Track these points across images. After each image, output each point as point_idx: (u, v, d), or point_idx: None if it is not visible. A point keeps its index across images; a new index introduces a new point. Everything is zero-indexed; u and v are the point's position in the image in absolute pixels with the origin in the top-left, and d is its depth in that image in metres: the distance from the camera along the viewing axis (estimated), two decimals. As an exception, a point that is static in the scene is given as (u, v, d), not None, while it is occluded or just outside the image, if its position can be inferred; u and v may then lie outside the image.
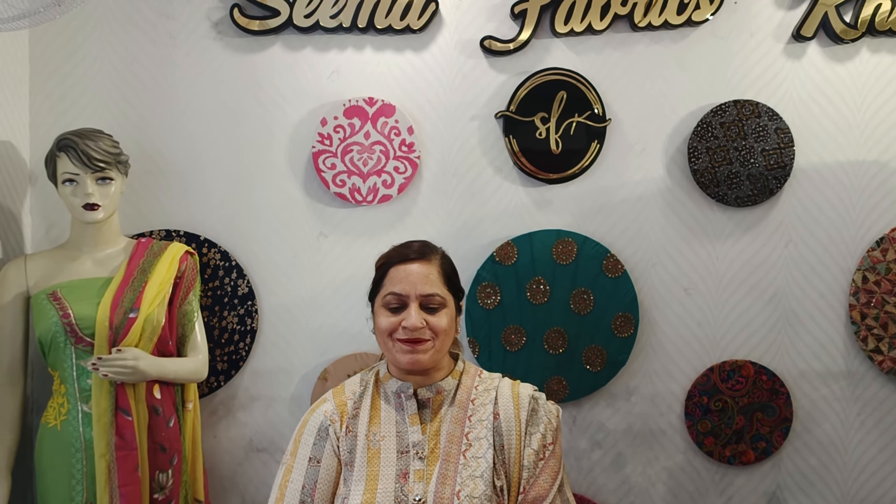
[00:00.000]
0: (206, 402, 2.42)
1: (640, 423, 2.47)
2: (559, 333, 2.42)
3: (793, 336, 2.45)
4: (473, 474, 1.45)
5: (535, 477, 1.49)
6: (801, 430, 2.45)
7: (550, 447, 1.53)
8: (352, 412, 1.55)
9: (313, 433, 1.54)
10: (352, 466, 1.50)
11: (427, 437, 1.51)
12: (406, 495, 1.45)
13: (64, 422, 2.05)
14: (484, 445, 1.48)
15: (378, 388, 1.60)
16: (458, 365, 1.61)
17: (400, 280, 1.50)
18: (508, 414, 1.52)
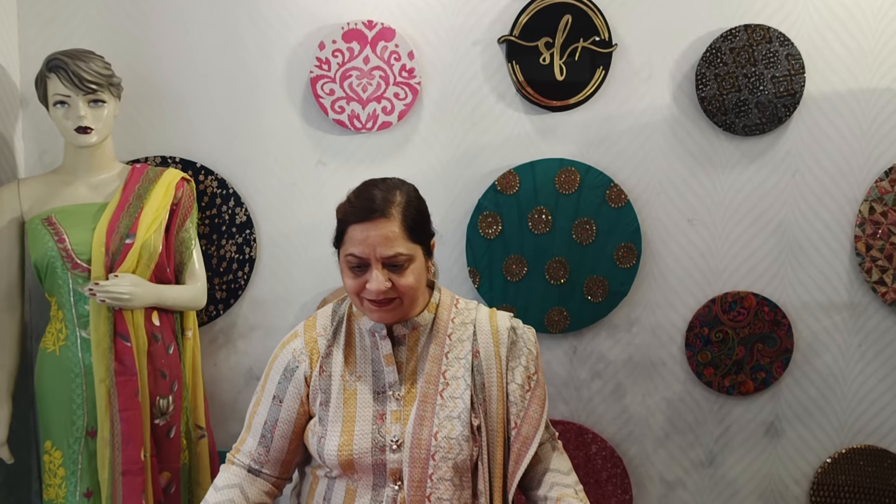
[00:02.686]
0: (205, 330, 2.41)
1: (640, 354, 2.47)
2: (561, 264, 2.40)
3: (796, 267, 2.43)
4: (451, 415, 1.43)
5: (525, 410, 1.48)
6: (801, 361, 2.45)
7: (535, 377, 1.51)
8: (324, 351, 1.50)
9: (279, 371, 1.51)
10: (327, 407, 1.47)
11: (403, 376, 1.48)
12: (383, 437, 1.43)
13: (63, 347, 2.05)
14: (462, 385, 1.45)
15: (352, 324, 1.54)
16: (434, 296, 1.55)
17: (359, 242, 1.38)
18: (488, 351, 1.49)
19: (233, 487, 1.48)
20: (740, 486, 2.50)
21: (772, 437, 2.48)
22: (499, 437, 1.47)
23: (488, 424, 1.46)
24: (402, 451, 1.41)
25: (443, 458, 1.40)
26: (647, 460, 2.50)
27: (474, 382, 1.47)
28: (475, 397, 1.46)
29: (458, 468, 1.41)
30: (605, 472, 2.45)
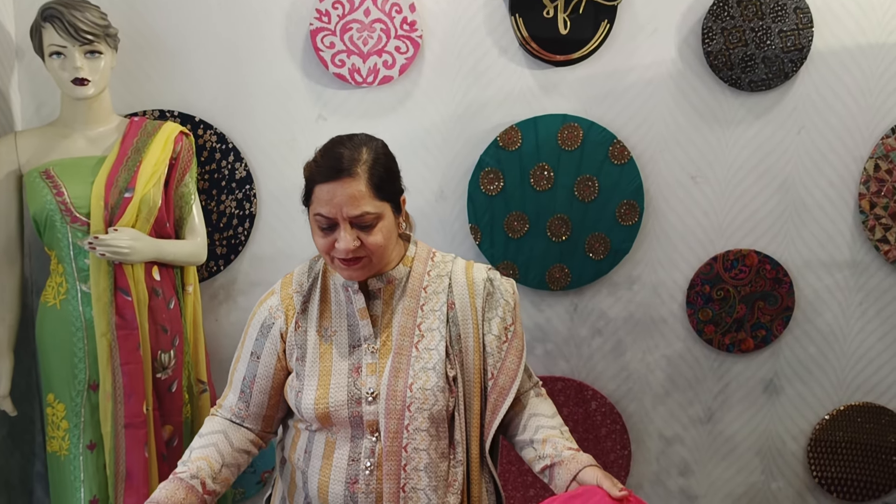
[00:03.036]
0: (206, 286, 2.41)
1: (641, 312, 2.47)
2: (562, 221, 2.39)
3: (799, 225, 2.41)
4: (426, 367, 1.43)
5: (502, 361, 1.48)
6: (801, 319, 2.45)
7: (511, 328, 1.51)
8: (300, 307, 1.50)
9: (257, 328, 1.52)
10: (303, 362, 1.47)
11: (378, 329, 1.48)
12: (359, 389, 1.43)
13: (63, 301, 2.05)
14: (436, 337, 1.45)
15: (326, 279, 1.53)
16: (410, 250, 1.54)
17: (326, 202, 1.36)
18: (464, 303, 1.49)
19: (217, 433, 1.50)
20: (738, 442, 2.52)
21: (770, 394, 2.49)
22: (475, 387, 1.47)
23: (464, 375, 1.47)
24: (378, 403, 1.42)
25: (418, 408, 1.41)
26: (646, 417, 2.51)
27: (450, 334, 1.47)
28: (451, 348, 1.46)
29: (433, 419, 1.42)
30: (604, 429, 2.47)
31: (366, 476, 1.42)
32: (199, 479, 1.39)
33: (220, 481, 1.43)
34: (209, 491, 1.40)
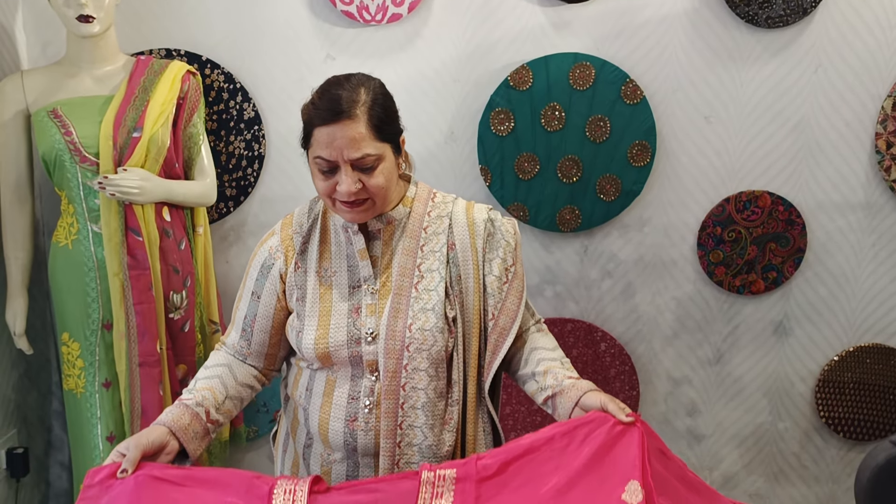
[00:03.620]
0: (216, 227, 2.42)
1: (651, 254, 2.46)
2: (573, 162, 2.37)
3: (813, 166, 2.38)
4: (425, 307, 1.43)
5: (503, 301, 1.48)
6: (813, 261, 2.44)
7: (512, 269, 1.50)
8: (300, 248, 1.49)
9: (257, 269, 1.53)
10: (304, 302, 1.47)
11: (378, 270, 1.47)
12: (358, 329, 1.43)
13: (75, 241, 2.06)
14: (436, 278, 1.45)
15: (327, 221, 1.52)
16: (410, 190, 1.52)
17: (325, 145, 1.34)
18: (464, 243, 1.47)
19: (222, 366, 1.51)
20: (746, 383, 2.53)
21: (780, 335, 2.50)
22: (475, 328, 1.47)
23: (464, 316, 1.47)
24: (378, 344, 1.42)
25: (417, 349, 1.41)
26: (655, 358, 2.53)
27: (450, 274, 1.46)
28: (451, 289, 1.45)
29: (432, 359, 1.43)
30: (613, 370, 2.49)
31: (365, 414, 1.44)
32: (203, 407, 1.40)
33: (223, 412, 1.45)
34: (212, 420, 1.41)
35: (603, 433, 1.25)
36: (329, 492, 1.27)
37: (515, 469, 1.26)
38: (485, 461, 1.27)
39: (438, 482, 1.25)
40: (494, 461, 1.27)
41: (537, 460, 1.27)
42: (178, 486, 1.23)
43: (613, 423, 1.25)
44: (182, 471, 1.27)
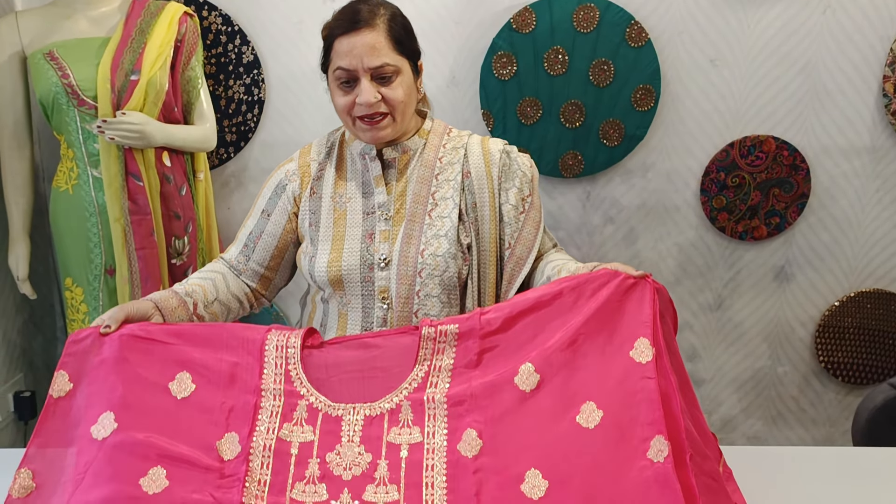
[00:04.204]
0: (216, 173, 2.40)
1: (654, 200, 2.45)
2: (576, 106, 2.34)
3: (819, 110, 2.35)
4: (438, 233, 1.44)
5: (519, 231, 1.49)
6: (816, 206, 2.43)
7: (529, 199, 1.51)
8: (316, 174, 1.52)
9: (272, 188, 1.55)
10: (317, 227, 1.49)
11: (392, 197, 1.49)
12: (372, 255, 1.45)
13: (75, 186, 2.05)
14: (450, 205, 1.46)
15: (343, 150, 1.55)
16: (426, 124, 1.54)
17: (345, 53, 1.37)
18: (479, 171, 1.49)
19: (217, 272, 1.53)
20: (747, 328, 2.54)
21: (781, 281, 2.50)
22: (491, 256, 1.49)
23: (480, 244, 1.48)
24: (390, 269, 1.44)
25: (429, 274, 1.43)
26: (656, 304, 2.53)
27: (465, 202, 1.47)
28: (466, 216, 1.47)
29: (444, 285, 1.44)
30: (614, 315, 2.49)
31: None
32: (192, 299, 1.41)
33: (210, 312, 1.45)
34: (198, 314, 1.42)
35: (612, 288, 1.19)
36: (323, 346, 1.25)
37: (520, 324, 1.21)
38: (489, 316, 1.22)
39: (440, 338, 1.22)
40: (499, 316, 1.22)
41: (543, 316, 1.21)
42: (165, 344, 1.21)
43: (624, 277, 1.20)
44: (168, 328, 1.24)
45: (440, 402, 1.18)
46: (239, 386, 1.20)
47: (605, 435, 1.10)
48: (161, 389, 1.18)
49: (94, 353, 1.19)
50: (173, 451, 1.12)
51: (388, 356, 1.23)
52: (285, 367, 1.22)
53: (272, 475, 1.14)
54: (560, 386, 1.15)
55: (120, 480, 1.09)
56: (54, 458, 1.13)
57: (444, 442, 1.15)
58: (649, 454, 1.07)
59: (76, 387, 1.17)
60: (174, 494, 1.09)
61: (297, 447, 1.16)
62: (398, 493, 1.12)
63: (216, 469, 1.13)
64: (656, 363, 1.12)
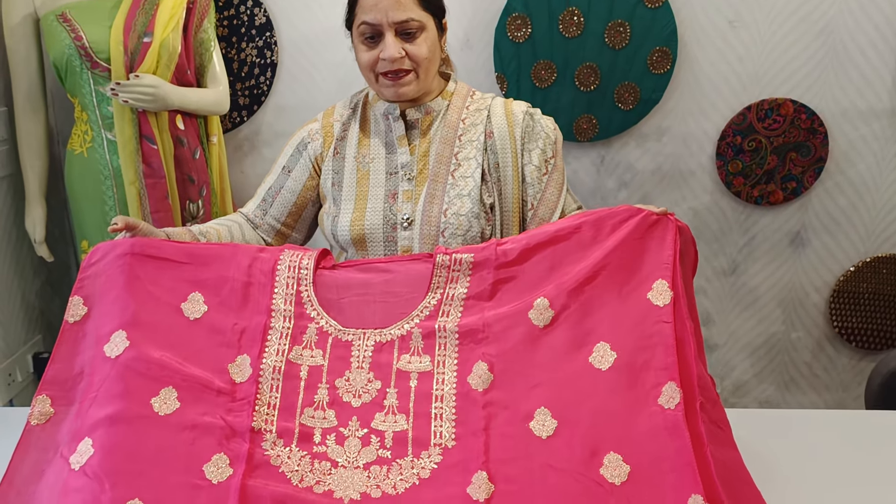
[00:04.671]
0: (230, 137, 2.40)
1: (669, 164, 2.43)
2: (591, 69, 2.31)
3: (839, 72, 2.31)
4: (461, 193, 1.44)
5: (542, 192, 1.49)
6: (834, 171, 2.40)
7: (552, 160, 1.51)
8: (339, 134, 1.53)
9: (293, 146, 1.57)
10: (340, 187, 1.50)
11: (416, 158, 1.49)
12: (395, 214, 1.46)
13: (90, 149, 2.06)
14: (472, 165, 1.46)
15: (367, 111, 1.55)
16: (450, 86, 1.54)
17: (370, 8, 1.38)
18: (502, 132, 1.48)
19: (234, 222, 1.54)
20: (761, 293, 2.53)
21: (797, 246, 2.48)
22: (514, 217, 1.49)
23: (503, 205, 1.48)
24: (413, 229, 1.45)
25: (452, 234, 1.43)
26: (670, 269, 2.52)
27: (488, 162, 1.47)
28: (489, 176, 1.47)
29: (467, 244, 1.44)
30: (627, 280, 2.49)
31: None
32: (206, 237, 1.42)
33: None
34: None
35: (633, 224, 1.16)
36: (336, 269, 1.24)
37: (537, 257, 1.19)
38: (505, 247, 1.20)
39: (454, 266, 1.20)
40: (515, 247, 1.20)
41: (561, 249, 1.18)
42: (177, 263, 1.20)
43: (647, 214, 1.17)
44: (181, 246, 1.23)
45: (451, 331, 1.17)
46: (251, 307, 1.20)
47: (616, 378, 1.10)
48: (173, 310, 1.18)
49: (106, 273, 1.18)
50: (185, 373, 1.13)
51: (401, 282, 1.21)
52: (297, 287, 1.21)
53: (281, 398, 1.14)
54: (574, 324, 1.14)
55: (131, 399, 1.10)
56: (70, 382, 1.14)
57: (455, 373, 1.14)
58: (660, 400, 1.07)
59: (90, 311, 1.18)
60: (185, 416, 1.10)
61: (307, 371, 1.17)
62: (406, 422, 1.12)
63: (227, 392, 1.13)
64: (674, 307, 1.11)
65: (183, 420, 1.10)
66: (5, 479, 1.08)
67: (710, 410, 1.09)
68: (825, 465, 1.31)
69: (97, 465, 1.04)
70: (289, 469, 1.09)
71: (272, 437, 1.11)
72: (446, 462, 1.08)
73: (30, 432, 1.11)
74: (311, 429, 1.13)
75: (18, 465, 1.09)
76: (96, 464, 1.05)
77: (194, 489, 1.05)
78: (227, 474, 1.07)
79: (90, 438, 1.07)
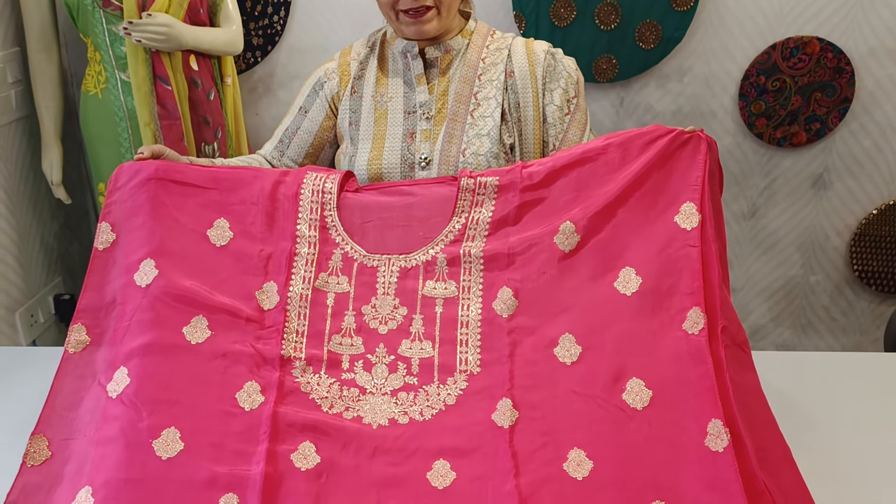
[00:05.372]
0: (244, 78, 2.37)
1: (690, 105, 2.39)
2: (612, 7, 2.25)
3: (867, 9, 2.24)
4: (480, 133, 1.42)
5: (564, 132, 1.46)
6: (859, 111, 2.35)
7: (574, 101, 1.48)
8: (357, 73, 1.50)
9: (310, 86, 1.54)
10: (357, 126, 1.48)
11: (434, 97, 1.46)
12: (412, 154, 1.44)
13: (104, 90, 2.04)
14: (492, 105, 1.43)
15: (385, 49, 1.52)
16: (470, 24, 1.50)
17: None
18: (523, 71, 1.45)
19: (252, 158, 1.55)
20: (780, 237, 2.51)
21: (818, 189, 2.45)
22: (535, 157, 1.47)
23: (523, 145, 1.46)
24: (431, 169, 1.43)
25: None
26: (689, 212, 2.50)
27: (508, 101, 1.44)
28: (509, 116, 1.44)
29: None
30: (645, 224, 2.47)
31: None
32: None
33: None
34: None
35: (662, 144, 1.13)
36: (360, 191, 1.24)
37: (563, 180, 1.17)
38: (531, 169, 1.18)
39: (479, 189, 1.19)
40: (541, 170, 1.18)
41: (587, 171, 1.16)
42: (202, 188, 1.21)
43: (678, 133, 1.14)
44: (206, 170, 1.23)
45: (476, 257, 1.17)
46: (276, 233, 1.20)
47: (641, 302, 1.09)
48: (199, 237, 1.19)
49: (131, 199, 1.19)
50: (214, 301, 1.14)
51: (425, 206, 1.21)
52: (321, 212, 1.21)
53: (309, 326, 1.15)
54: (600, 248, 1.13)
55: (163, 328, 1.11)
56: (104, 311, 1.16)
57: (480, 299, 1.15)
58: (685, 325, 1.07)
59: (118, 237, 1.18)
60: (216, 344, 1.12)
61: (333, 298, 1.17)
62: (433, 349, 1.13)
63: (256, 319, 1.15)
64: (701, 230, 1.09)
65: (214, 348, 1.12)
66: (47, 405, 1.10)
67: (734, 333, 1.09)
68: (845, 408, 1.31)
69: (133, 395, 1.07)
70: (318, 396, 1.11)
71: (301, 364, 1.13)
72: (472, 388, 1.10)
73: (67, 360, 1.14)
74: (340, 356, 1.14)
75: (59, 391, 1.12)
76: (132, 393, 1.07)
77: (228, 417, 1.08)
78: (259, 402, 1.09)
79: (126, 367, 1.09)
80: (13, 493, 1.04)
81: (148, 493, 1.01)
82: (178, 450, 1.04)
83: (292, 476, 1.03)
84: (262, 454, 1.04)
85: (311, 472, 1.04)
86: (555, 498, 1.00)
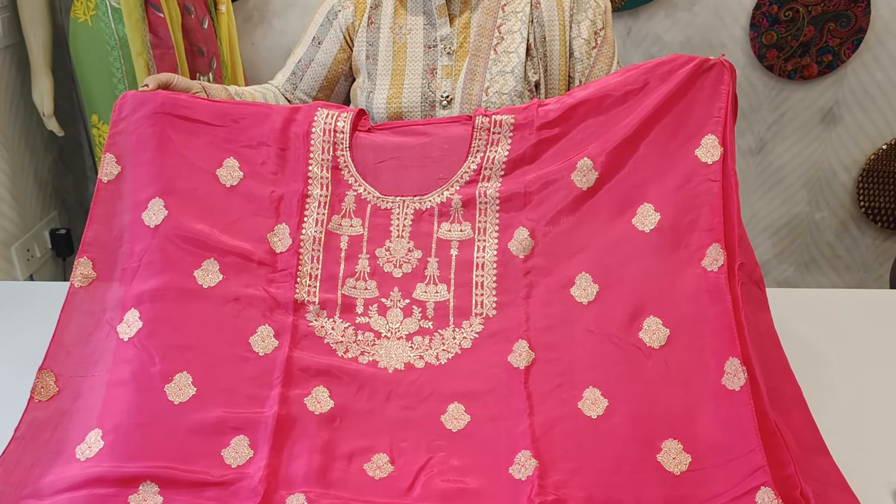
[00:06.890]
0: (238, 6, 2.29)
1: (699, 36, 2.31)
2: (622, -69, 2.17)
3: (888, -66, 2.16)
4: (504, 70, 1.35)
5: (590, 67, 1.40)
6: (873, 43, 2.28)
7: (602, 33, 1.40)
8: (373, 2, 1.41)
9: (323, 14, 1.46)
10: (375, 60, 1.41)
11: (456, 30, 1.38)
12: (433, 91, 1.38)
13: (94, 17, 1.96)
14: (517, 39, 1.36)
15: None
16: None
17: None
18: (550, 2, 1.37)
19: (266, 88, 1.49)
20: (787, 173, 2.47)
21: (828, 123, 2.40)
22: (560, 91, 1.40)
23: (548, 82, 1.40)
24: (452, 108, 1.38)
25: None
26: (695, 147, 2.46)
27: (534, 35, 1.37)
28: (535, 51, 1.37)
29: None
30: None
31: None
32: (240, 97, 1.38)
33: None
34: None
35: (683, 74, 1.09)
36: (372, 131, 1.21)
37: (581, 115, 1.13)
38: (547, 107, 1.14)
39: (494, 128, 1.16)
40: (558, 107, 1.14)
41: (606, 105, 1.12)
42: (210, 126, 1.16)
43: (701, 61, 1.09)
44: (214, 104, 1.18)
45: (492, 197, 1.14)
46: (288, 173, 1.16)
47: (659, 240, 1.07)
48: (209, 177, 1.15)
49: (137, 132, 1.14)
50: (225, 243, 1.12)
51: (439, 145, 1.17)
52: (333, 152, 1.17)
53: (322, 270, 1.13)
54: (618, 185, 1.10)
55: (174, 271, 1.09)
56: (111, 246, 1.13)
57: (496, 240, 1.12)
58: (704, 262, 1.05)
59: (124, 170, 1.15)
60: (228, 288, 1.10)
61: (347, 241, 1.15)
62: (448, 292, 1.12)
63: (268, 263, 1.13)
64: (723, 164, 1.06)
65: (226, 292, 1.10)
66: (54, 340, 1.08)
67: (750, 270, 1.07)
68: (848, 345, 1.31)
69: (146, 339, 1.05)
70: (333, 340, 1.09)
71: (315, 308, 1.11)
72: (487, 331, 1.08)
73: (74, 294, 1.11)
74: (354, 300, 1.12)
75: (66, 327, 1.09)
76: (145, 337, 1.05)
77: (241, 361, 1.06)
78: (273, 346, 1.08)
79: (137, 310, 1.07)
80: (20, 428, 1.02)
81: (158, 437, 1.00)
82: (190, 395, 1.03)
83: (305, 419, 1.03)
84: (275, 398, 1.03)
85: (325, 417, 1.03)
86: (568, 437, 0.99)
